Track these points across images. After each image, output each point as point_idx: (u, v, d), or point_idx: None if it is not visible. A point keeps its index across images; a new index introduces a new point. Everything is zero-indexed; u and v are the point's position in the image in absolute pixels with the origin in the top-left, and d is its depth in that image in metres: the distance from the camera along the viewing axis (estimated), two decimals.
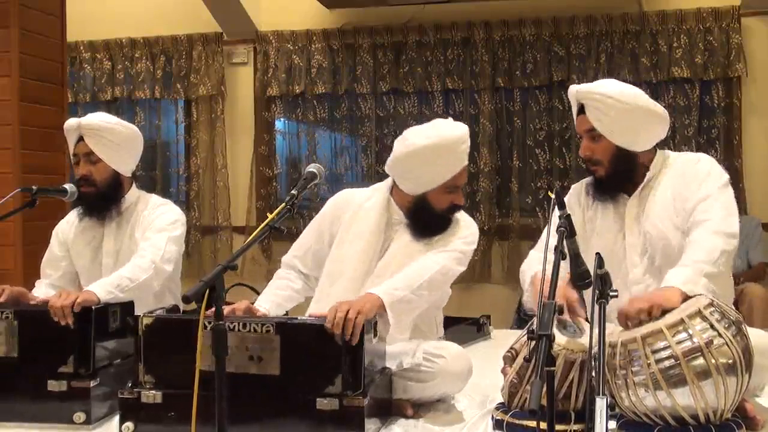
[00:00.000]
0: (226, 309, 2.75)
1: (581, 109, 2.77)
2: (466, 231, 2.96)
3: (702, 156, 2.81)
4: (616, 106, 2.68)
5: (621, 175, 2.78)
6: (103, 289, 2.93)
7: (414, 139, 2.87)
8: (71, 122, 3.25)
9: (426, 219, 2.91)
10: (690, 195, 2.68)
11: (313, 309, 2.89)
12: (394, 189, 3.00)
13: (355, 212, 2.99)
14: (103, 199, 3.27)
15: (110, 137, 3.23)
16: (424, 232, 2.91)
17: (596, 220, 2.85)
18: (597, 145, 2.76)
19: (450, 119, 2.95)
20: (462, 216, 3.01)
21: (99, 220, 3.30)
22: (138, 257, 3.14)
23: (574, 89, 2.79)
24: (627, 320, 2.40)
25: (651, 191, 2.77)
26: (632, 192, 2.79)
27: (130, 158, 3.34)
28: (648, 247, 2.73)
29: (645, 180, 2.78)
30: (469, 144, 2.90)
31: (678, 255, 2.61)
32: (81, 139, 3.23)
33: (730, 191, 2.70)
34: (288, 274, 3.08)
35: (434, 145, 2.82)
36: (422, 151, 2.83)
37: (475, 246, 2.99)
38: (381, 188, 3.04)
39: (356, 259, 2.90)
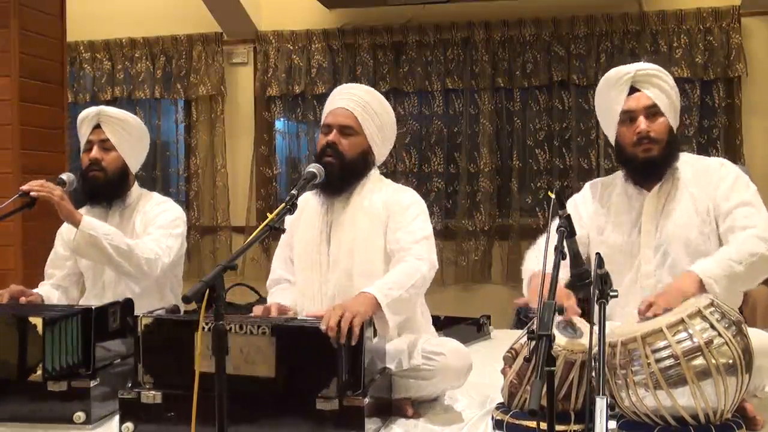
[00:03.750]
0: (259, 309, 2.81)
1: (632, 90, 2.76)
2: (417, 209, 2.94)
3: (724, 161, 2.86)
4: (671, 85, 2.77)
5: (671, 158, 2.80)
6: (100, 226, 3.08)
7: None
8: (90, 109, 3.34)
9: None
10: (720, 199, 2.73)
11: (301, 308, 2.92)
12: None
13: (302, 208, 3.00)
14: (109, 187, 3.33)
15: (127, 129, 3.35)
16: (325, 186, 2.91)
17: (611, 215, 2.86)
18: (654, 123, 2.76)
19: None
20: (404, 190, 3.01)
21: (102, 215, 3.32)
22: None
23: (626, 69, 2.78)
24: (647, 311, 2.43)
25: (670, 189, 2.80)
26: (651, 188, 2.81)
27: (140, 153, 3.45)
28: (663, 243, 2.75)
29: (664, 177, 2.80)
30: (355, 93, 3.17)
31: (694, 252, 2.66)
32: (98, 126, 3.31)
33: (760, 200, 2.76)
34: (280, 284, 3.10)
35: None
36: None
37: (430, 226, 2.95)
38: None
39: (307, 249, 2.96)
